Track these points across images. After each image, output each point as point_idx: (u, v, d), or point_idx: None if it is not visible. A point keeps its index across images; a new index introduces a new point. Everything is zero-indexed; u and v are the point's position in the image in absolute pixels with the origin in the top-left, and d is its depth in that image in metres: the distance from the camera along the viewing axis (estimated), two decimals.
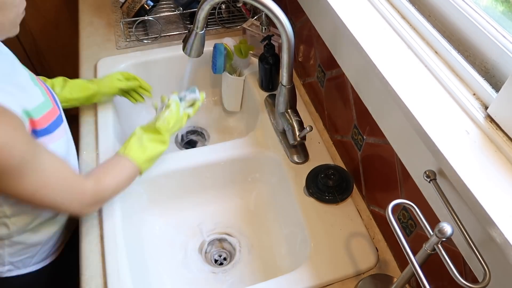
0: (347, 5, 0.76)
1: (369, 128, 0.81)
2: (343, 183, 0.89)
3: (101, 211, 0.85)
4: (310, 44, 1.04)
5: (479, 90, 0.58)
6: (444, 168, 0.53)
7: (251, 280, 0.91)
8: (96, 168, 0.83)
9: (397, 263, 0.80)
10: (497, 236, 0.45)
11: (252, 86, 1.13)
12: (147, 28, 1.28)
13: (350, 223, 0.84)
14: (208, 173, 0.99)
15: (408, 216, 0.73)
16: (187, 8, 1.24)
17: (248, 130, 1.14)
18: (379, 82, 0.64)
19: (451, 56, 0.62)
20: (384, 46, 0.67)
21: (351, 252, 0.80)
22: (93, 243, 0.82)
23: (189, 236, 0.99)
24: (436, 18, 0.67)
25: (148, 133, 0.86)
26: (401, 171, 0.72)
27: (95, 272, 0.78)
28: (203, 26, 0.88)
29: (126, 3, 1.22)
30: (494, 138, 0.53)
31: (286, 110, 0.93)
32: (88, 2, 1.37)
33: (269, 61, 1.05)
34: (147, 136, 0.86)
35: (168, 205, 1.00)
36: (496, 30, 0.56)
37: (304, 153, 0.96)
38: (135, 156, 0.82)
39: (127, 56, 1.17)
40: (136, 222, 0.95)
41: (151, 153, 0.85)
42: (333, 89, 0.95)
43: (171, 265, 0.93)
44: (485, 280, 0.47)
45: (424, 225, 0.56)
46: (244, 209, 1.04)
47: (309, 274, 0.77)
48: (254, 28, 1.15)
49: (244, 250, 0.96)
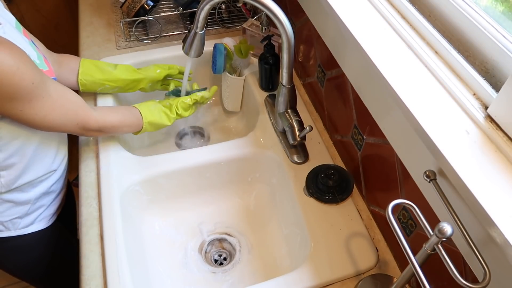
0: (347, 5, 0.76)
1: (369, 128, 0.81)
2: (343, 183, 0.89)
3: (101, 210, 0.86)
4: (310, 44, 1.04)
5: (479, 90, 0.58)
6: (444, 168, 0.53)
7: (251, 280, 0.91)
8: None
9: (397, 263, 0.80)
10: (497, 236, 0.45)
11: (252, 86, 1.13)
12: (147, 28, 1.28)
13: (350, 223, 0.84)
14: (208, 173, 0.99)
15: (408, 216, 0.74)
16: (187, 8, 1.24)
17: (248, 130, 1.14)
18: (379, 82, 0.64)
19: (451, 56, 0.62)
20: (384, 46, 0.67)
21: (351, 252, 0.80)
22: (93, 243, 0.82)
23: (189, 236, 0.99)
24: (436, 18, 0.67)
25: (161, 105, 0.97)
26: (401, 171, 0.72)
27: (95, 272, 0.78)
28: (203, 26, 0.88)
29: (126, 3, 1.22)
30: (494, 138, 0.53)
31: (286, 110, 0.93)
32: (88, 2, 1.37)
33: (269, 61, 1.05)
34: (159, 106, 0.96)
35: (168, 205, 1.00)
36: (496, 30, 0.56)
37: (304, 153, 0.96)
38: (143, 111, 0.93)
39: (127, 56, 1.17)
40: (136, 222, 0.95)
41: (156, 118, 0.95)
42: (333, 89, 0.95)
43: (171, 265, 0.93)
44: (485, 280, 0.47)
45: (424, 225, 0.56)
46: (244, 209, 1.04)
47: (309, 274, 0.77)
48: (254, 28, 1.15)
49: (244, 250, 0.96)
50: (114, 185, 0.90)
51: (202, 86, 1.08)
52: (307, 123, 1.01)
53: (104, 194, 0.88)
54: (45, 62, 0.83)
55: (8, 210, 0.86)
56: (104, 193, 0.88)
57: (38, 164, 0.85)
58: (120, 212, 0.86)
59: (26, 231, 0.91)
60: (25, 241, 0.93)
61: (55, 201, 0.96)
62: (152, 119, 0.94)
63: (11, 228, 0.89)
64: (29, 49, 0.78)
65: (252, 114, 1.14)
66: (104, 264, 0.78)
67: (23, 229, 0.91)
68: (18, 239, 0.91)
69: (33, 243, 0.95)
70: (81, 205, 0.88)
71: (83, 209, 0.87)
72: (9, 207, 0.86)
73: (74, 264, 0.86)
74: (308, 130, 0.87)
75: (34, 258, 0.99)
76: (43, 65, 0.81)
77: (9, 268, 1.01)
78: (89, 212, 0.86)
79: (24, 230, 0.91)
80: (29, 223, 0.91)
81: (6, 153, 0.78)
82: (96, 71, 0.99)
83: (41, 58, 0.81)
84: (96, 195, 0.89)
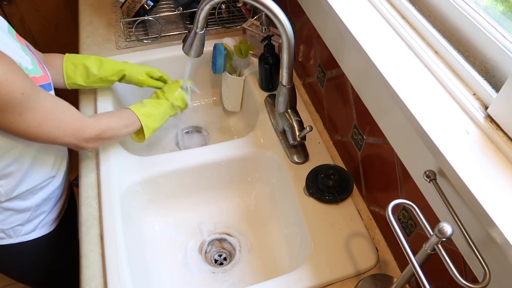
0: (347, 5, 0.76)
1: (369, 128, 0.81)
2: (343, 183, 0.89)
3: (101, 210, 0.86)
4: (310, 44, 1.04)
5: (479, 90, 0.58)
6: (444, 168, 0.53)
7: (251, 280, 0.91)
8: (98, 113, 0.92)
9: (397, 263, 0.80)
10: (497, 236, 0.45)
11: (252, 86, 1.13)
12: (147, 28, 1.28)
13: (350, 223, 0.84)
14: (208, 173, 0.99)
15: (408, 216, 0.73)
16: (187, 8, 1.24)
17: (248, 130, 1.14)
18: (379, 82, 0.64)
19: (451, 56, 0.62)
20: (384, 46, 0.67)
21: (351, 252, 0.80)
22: (93, 242, 0.82)
23: (189, 236, 0.99)
24: (436, 18, 0.67)
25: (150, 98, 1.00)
26: (401, 171, 0.72)
27: (95, 272, 0.78)
28: (203, 26, 0.88)
29: (126, 3, 1.22)
30: (494, 138, 0.53)
31: (286, 110, 0.93)
32: (88, 2, 1.37)
33: (269, 61, 1.05)
34: (147, 99, 0.98)
35: (168, 205, 1.00)
36: (496, 30, 0.56)
37: (304, 153, 0.96)
38: (135, 108, 0.93)
39: (127, 56, 1.17)
40: (136, 222, 0.95)
41: (147, 109, 0.94)
42: (333, 89, 0.95)
43: (171, 265, 0.93)
44: (485, 280, 0.47)
45: (424, 225, 0.56)
46: (244, 209, 1.04)
47: (309, 274, 0.77)
48: (254, 28, 1.15)
49: (244, 250, 0.96)
50: (114, 185, 0.90)
51: (202, 86, 1.08)
52: (307, 123, 1.01)
53: (104, 194, 0.88)
54: (40, 66, 0.81)
55: (9, 218, 0.85)
56: (104, 193, 0.88)
57: (37, 171, 0.84)
58: (120, 212, 0.86)
59: (28, 238, 0.91)
60: (27, 247, 0.92)
61: (56, 206, 0.96)
62: (144, 110, 0.93)
63: (12, 235, 0.88)
64: (22, 55, 0.76)
65: (252, 114, 1.14)
66: (104, 264, 0.78)
67: (25, 236, 0.90)
68: (20, 245, 0.90)
69: (34, 248, 0.95)
70: (81, 205, 0.88)
71: (83, 209, 0.87)
72: (10, 215, 0.85)
73: (73, 266, 0.86)
74: (308, 130, 0.87)
75: (34, 262, 0.98)
76: (38, 70, 0.79)
77: (9, 272, 1.00)
78: (89, 212, 0.86)
79: (26, 237, 0.90)
80: (31, 230, 0.91)
81: (3, 163, 0.77)
82: (80, 76, 0.98)
83: (35, 63, 0.80)
84: (96, 195, 0.89)
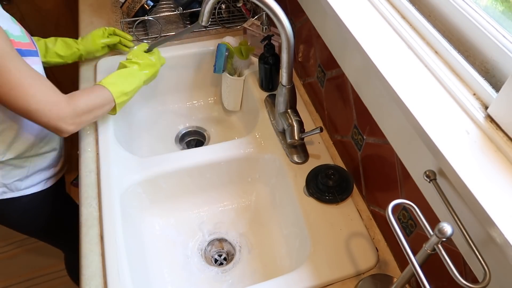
0: (347, 5, 0.76)
1: (369, 128, 0.81)
2: (343, 183, 0.89)
3: (101, 210, 0.86)
4: (310, 44, 1.04)
5: (479, 90, 0.58)
6: (444, 168, 0.53)
7: (251, 280, 0.91)
8: None
9: (397, 263, 0.80)
10: (497, 236, 0.45)
11: (252, 86, 1.13)
12: (147, 28, 1.28)
13: (350, 223, 0.84)
14: (208, 173, 0.99)
15: (408, 216, 0.73)
16: (187, 8, 1.24)
17: (248, 130, 1.14)
18: (379, 82, 0.64)
19: (451, 56, 0.62)
20: (384, 46, 0.67)
21: (351, 252, 0.80)
22: (93, 242, 0.82)
23: (189, 236, 0.99)
24: (436, 18, 0.67)
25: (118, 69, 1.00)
26: (401, 171, 0.72)
27: (95, 272, 0.78)
28: (207, 20, 0.88)
29: (126, 3, 1.22)
30: (494, 138, 0.53)
31: (286, 110, 0.93)
32: (88, 2, 1.37)
33: (269, 61, 1.05)
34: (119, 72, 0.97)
35: (168, 205, 1.00)
36: (496, 30, 0.56)
37: (304, 153, 0.96)
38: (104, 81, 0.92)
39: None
40: (136, 222, 0.95)
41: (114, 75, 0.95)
42: (333, 89, 0.95)
43: (171, 265, 0.93)
44: (485, 280, 0.47)
45: (424, 225, 0.56)
46: (244, 209, 1.04)
47: (309, 274, 0.77)
48: (254, 28, 1.15)
49: (244, 250, 0.96)
50: (114, 185, 0.90)
51: (200, 87, 1.08)
52: (307, 123, 1.01)
53: (104, 194, 0.88)
54: (28, 36, 0.85)
55: (9, 173, 0.94)
56: (104, 193, 0.88)
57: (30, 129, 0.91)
58: (120, 212, 0.86)
59: (28, 192, 1.00)
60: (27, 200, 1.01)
61: (52, 163, 1.04)
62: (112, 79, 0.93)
63: (13, 189, 0.97)
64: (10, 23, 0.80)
65: (252, 114, 1.14)
66: (104, 264, 0.78)
67: (25, 190, 0.99)
68: (21, 199, 0.99)
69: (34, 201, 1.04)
70: (81, 205, 0.88)
71: (83, 209, 0.87)
72: (10, 170, 0.94)
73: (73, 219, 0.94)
74: (318, 131, 0.86)
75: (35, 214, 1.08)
76: (24, 37, 0.83)
77: (13, 224, 1.10)
78: (89, 212, 0.86)
79: (26, 191, 0.99)
80: (30, 185, 1.00)
81: None
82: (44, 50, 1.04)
83: (23, 32, 0.84)
84: (96, 195, 0.89)
